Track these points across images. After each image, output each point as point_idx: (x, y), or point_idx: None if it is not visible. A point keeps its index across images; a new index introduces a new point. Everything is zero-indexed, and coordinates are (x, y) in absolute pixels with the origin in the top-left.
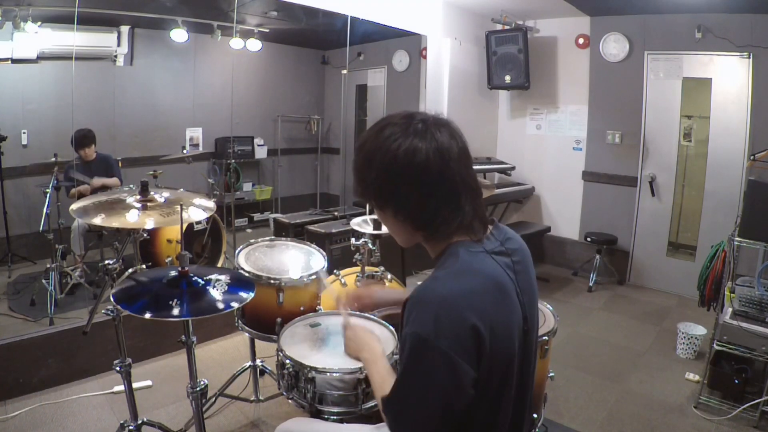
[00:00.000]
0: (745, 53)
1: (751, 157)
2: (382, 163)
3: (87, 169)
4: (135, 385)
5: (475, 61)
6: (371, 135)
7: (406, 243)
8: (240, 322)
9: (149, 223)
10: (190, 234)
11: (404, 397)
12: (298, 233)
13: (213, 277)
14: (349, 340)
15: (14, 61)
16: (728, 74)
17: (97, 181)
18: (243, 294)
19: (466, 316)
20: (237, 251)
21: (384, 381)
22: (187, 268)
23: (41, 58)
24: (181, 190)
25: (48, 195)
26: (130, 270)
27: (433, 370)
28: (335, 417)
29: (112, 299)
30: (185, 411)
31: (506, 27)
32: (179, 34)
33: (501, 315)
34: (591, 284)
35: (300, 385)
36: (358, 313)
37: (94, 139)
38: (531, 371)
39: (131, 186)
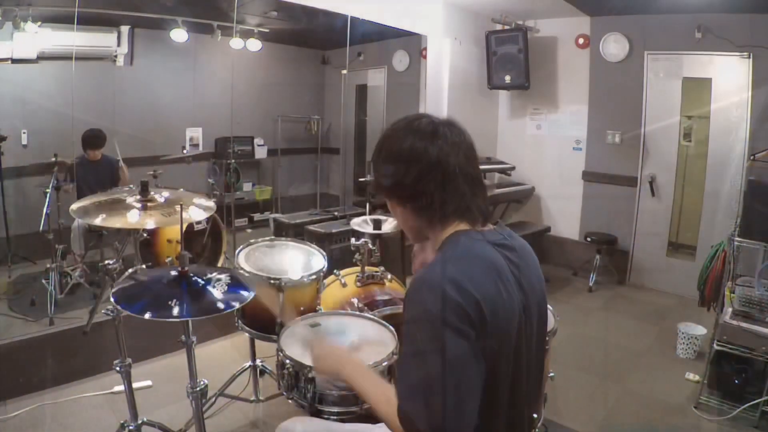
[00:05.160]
0: (745, 53)
1: (751, 157)
2: (389, 152)
3: (91, 171)
4: (135, 385)
5: (475, 61)
6: (384, 133)
7: (414, 236)
8: (240, 322)
9: (149, 223)
10: (190, 234)
11: (425, 384)
12: (298, 233)
13: (213, 277)
14: (320, 356)
15: (14, 61)
16: (728, 74)
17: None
18: (243, 294)
19: (470, 293)
20: (237, 251)
21: (386, 389)
22: (187, 268)
23: (41, 58)
24: (181, 190)
25: (48, 195)
26: (130, 270)
27: (446, 344)
28: (335, 417)
29: (112, 299)
30: (185, 411)
31: (506, 27)
32: (179, 34)
33: (501, 297)
34: (591, 284)
35: (300, 385)
36: (357, 313)
37: (104, 142)
38: (526, 364)
39: (131, 186)
